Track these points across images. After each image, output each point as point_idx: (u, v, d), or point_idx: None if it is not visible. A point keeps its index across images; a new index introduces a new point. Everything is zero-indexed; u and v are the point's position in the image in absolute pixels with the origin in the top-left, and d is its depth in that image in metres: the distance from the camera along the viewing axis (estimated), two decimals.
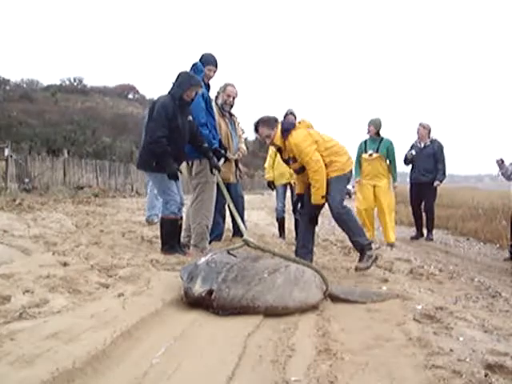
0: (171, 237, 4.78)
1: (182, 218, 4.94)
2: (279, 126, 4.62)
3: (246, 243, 3.77)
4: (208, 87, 5.34)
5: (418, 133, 8.59)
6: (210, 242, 5.26)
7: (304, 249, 4.82)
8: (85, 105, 42.85)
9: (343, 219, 4.62)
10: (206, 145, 4.93)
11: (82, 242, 4.93)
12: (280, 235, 7.25)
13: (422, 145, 8.51)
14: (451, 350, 2.33)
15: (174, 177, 4.69)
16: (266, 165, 7.29)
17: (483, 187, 44.52)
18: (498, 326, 2.96)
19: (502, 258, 6.97)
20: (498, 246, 8.17)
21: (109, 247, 4.80)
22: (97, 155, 22.29)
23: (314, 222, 4.87)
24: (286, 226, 7.42)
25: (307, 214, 4.82)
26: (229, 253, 3.45)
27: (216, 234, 5.74)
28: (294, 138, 4.52)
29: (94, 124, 30.59)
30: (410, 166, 8.76)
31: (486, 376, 2.04)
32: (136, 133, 32.69)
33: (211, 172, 4.90)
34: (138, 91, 59.32)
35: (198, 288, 2.93)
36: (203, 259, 3.26)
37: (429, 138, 8.54)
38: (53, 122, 29.64)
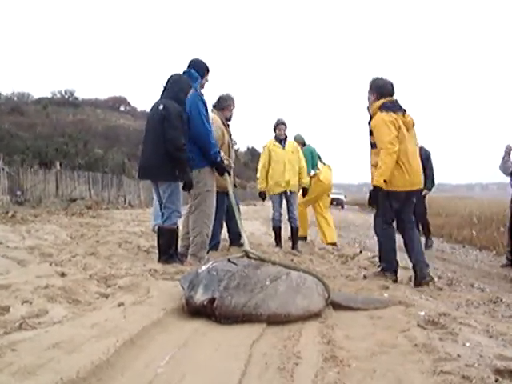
0: (170, 247, 4.74)
1: (178, 227, 4.91)
2: (382, 101, 4.69)
3: (247, 254, 3.73)
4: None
5: None
6: (207, 252, 5.22)
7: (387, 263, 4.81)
8: (76, 117, 42.66)
9: (377, 235, 4.93)
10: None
11: (79, 252, 4.89)
12: (277, 244, 7.21)
13: None
14: (459, 356, 2.29)
15: (191, 186, 4.75)
16: (259, 175, 7.27)
17: (474, 196, 44.82)
18: (503, 331, 2.93)
19: (498, 264, 6.97)
20: (494, 252, 8.19)
21: (106, 257, 4.76)
22: (89, 167, 22.14)
23: (390, 223, 4.84)
24: (282, 235, 7.38)
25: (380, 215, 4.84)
26: (229, 261, 3.41)
27: (213, 243, 5.69)
28: (380, 116, 4.60)
29: (85, 136, 30.47)
30: None
31: (496, 381, 2.01)
32: (128, 145, 32.64)
33: (183, 189, 4.83)
34: (129, 103, 59.35)
35: (200, 296, 2.88)
36: (204, 267, 3.22)
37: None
38: (44, 135, 29.47)
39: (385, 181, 4.50)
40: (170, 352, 2.30)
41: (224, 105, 6.03)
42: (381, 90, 4.75)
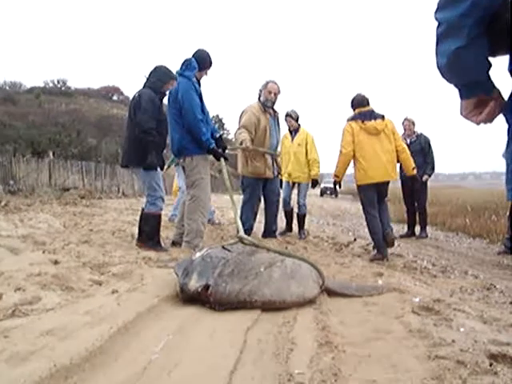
0: (155, 233, 4.81)
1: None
2: (353, 114, 5.68)
3: (241, 240, 3.72)
4: (198, 83, 5.24)
5: (404, 128, 8.53)
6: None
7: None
8: (69, 107, 42.29)
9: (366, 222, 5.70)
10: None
11: (72, 240, 4.87)
12: (287, 229, 7.40)
13: (409, 140, 8.43)
14: (453, 341, 2.30)
15: (152, 167, 4.80)
16: None
17: (467, 186, 45.07)
18: (497, 317, 2.94)
19: (491, 252, 7.00)
20: (487, 240, 8.22)
21: (99, 245, 4.74)
22: (82, 157, 22.04)
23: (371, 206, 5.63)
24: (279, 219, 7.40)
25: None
26: (224, 248, 3.40)
27: (245, 228, 5.51)
28: (344, 126, 5.66)
29: (78, 126, 30.22)
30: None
31: (490, 365, 2.01)
32: (121, 134, 32.41)
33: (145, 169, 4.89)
34: (122, 93, 58.78)
35: (194, 283, 2.87)
36: (198, 254, 3.21)
37: (414, 132, 8.51)
38: (37, 124, 29.27)
39: (336, 175, 5.75)
40: (164, 338, 2.28)
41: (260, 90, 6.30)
42: (356, 104, 5.71)
